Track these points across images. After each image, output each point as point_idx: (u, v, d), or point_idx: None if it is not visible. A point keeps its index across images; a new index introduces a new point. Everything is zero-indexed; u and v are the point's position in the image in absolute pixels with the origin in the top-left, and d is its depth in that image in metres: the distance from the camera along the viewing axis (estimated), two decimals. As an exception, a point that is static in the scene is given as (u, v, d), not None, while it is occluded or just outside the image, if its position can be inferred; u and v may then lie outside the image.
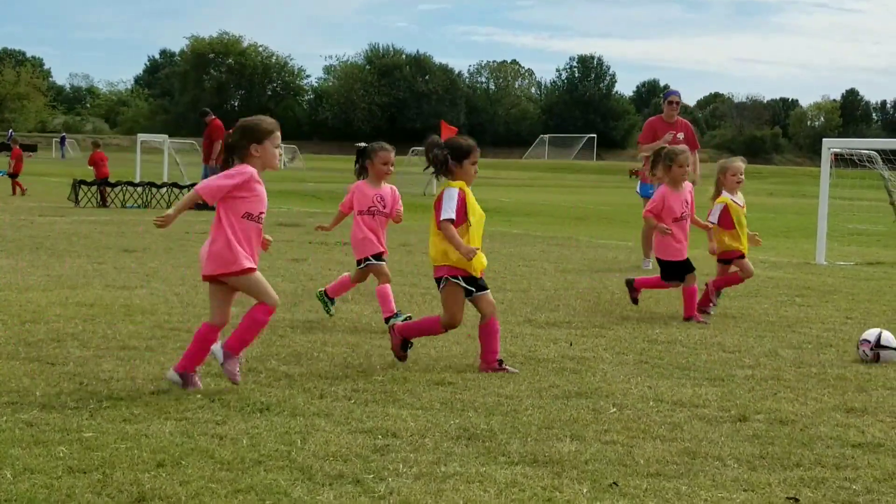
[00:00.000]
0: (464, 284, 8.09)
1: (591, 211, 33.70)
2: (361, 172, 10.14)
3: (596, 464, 5.67)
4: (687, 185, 11.47)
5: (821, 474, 5.58)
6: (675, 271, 11.23)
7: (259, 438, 5.99)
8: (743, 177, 11.97)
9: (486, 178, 61.19)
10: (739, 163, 12.07)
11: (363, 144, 10.32)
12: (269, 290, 7.40)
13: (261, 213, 7.30)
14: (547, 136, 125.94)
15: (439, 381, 7.63)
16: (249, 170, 7.22)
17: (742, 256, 11.82)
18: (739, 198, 11.91)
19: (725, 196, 11.79)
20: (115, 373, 7.58)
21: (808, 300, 12.83)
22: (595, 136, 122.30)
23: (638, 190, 17.38)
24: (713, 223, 11.61)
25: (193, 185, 29.00)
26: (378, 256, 10.16)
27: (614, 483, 5.33)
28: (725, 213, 11.69)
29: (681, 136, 17.01)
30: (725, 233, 11.72)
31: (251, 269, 7.26)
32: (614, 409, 6.93)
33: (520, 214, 19.14)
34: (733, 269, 11.88)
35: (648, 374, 8.13)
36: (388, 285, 10.13)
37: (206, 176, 28.27)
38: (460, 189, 8.07)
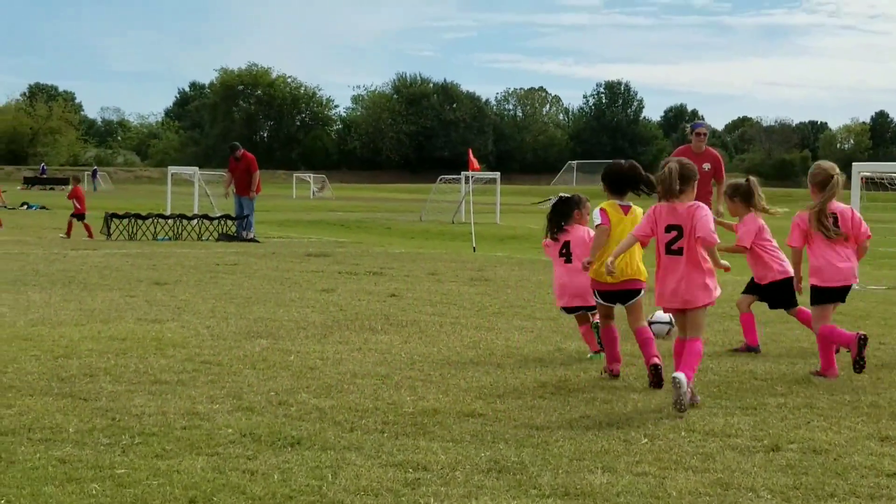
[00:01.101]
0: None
1: (621, 237, 33.57)
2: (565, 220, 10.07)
3: (628, 496, 5.64)
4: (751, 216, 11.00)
5: (855, 505, 5.54)
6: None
7: (290, 473, 6.00)
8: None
9: (514, 204, 61.17)
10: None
11: (567, 195, 10.24)
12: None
13: None
14: (575, 162, 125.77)
15: (469, 413, 7.62)
16: None
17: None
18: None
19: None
20: (147, 408, 7.61)
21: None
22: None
23: None
24: None
25: (227, 216, 29.31)
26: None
27: (646, 516, 5.31)
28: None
29: (707, 166, 17.00)
30: None
31: None
32: (646, 440, 6.90)
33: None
34: None
35: (680, 404, 8.08)
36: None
37: (240, 208, 28.38)
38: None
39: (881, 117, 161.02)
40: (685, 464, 6.31)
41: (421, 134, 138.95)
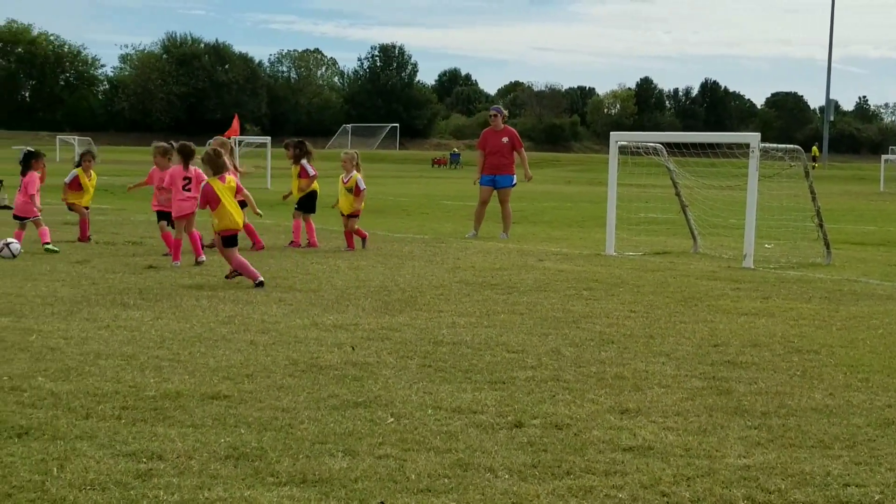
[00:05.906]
0: None
1: (391, 203, 33.63)
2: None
3: (366, 482, 5.53)
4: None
5: (589, 482, 5.58)
6: None
7: (12, 468, 5.64)
8: None
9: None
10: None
11: (31, 149, 16.52)
12: None
13: None
14: (350, 125, 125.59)
15: (214, 395, 7.37)
16: None
17: None
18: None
19: None
20: None
21: (595, 293, 12.99)
22: (398, 125, 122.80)
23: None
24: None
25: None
26: None
27: (381, 502, 5.22)
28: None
29: (505, 139, 21.41)
30: None
31: None
32: (392, 420, 6.82)
33: (318, 207, 19.13)
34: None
35: (430, 379, 8.04)
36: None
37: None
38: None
39: (646, 83, 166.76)
40: (427, 444, 6.25)
41: (192, 95, 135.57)
